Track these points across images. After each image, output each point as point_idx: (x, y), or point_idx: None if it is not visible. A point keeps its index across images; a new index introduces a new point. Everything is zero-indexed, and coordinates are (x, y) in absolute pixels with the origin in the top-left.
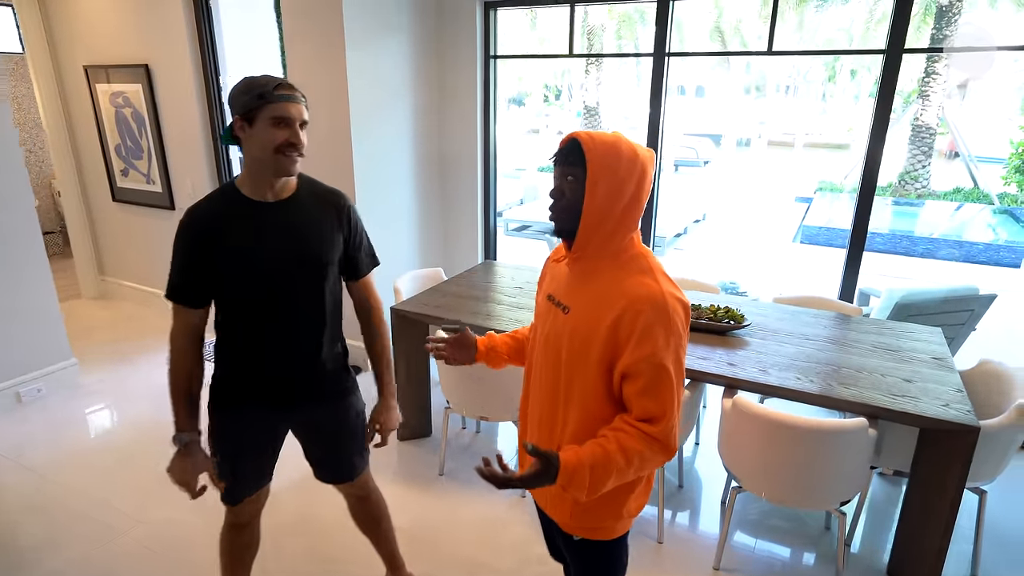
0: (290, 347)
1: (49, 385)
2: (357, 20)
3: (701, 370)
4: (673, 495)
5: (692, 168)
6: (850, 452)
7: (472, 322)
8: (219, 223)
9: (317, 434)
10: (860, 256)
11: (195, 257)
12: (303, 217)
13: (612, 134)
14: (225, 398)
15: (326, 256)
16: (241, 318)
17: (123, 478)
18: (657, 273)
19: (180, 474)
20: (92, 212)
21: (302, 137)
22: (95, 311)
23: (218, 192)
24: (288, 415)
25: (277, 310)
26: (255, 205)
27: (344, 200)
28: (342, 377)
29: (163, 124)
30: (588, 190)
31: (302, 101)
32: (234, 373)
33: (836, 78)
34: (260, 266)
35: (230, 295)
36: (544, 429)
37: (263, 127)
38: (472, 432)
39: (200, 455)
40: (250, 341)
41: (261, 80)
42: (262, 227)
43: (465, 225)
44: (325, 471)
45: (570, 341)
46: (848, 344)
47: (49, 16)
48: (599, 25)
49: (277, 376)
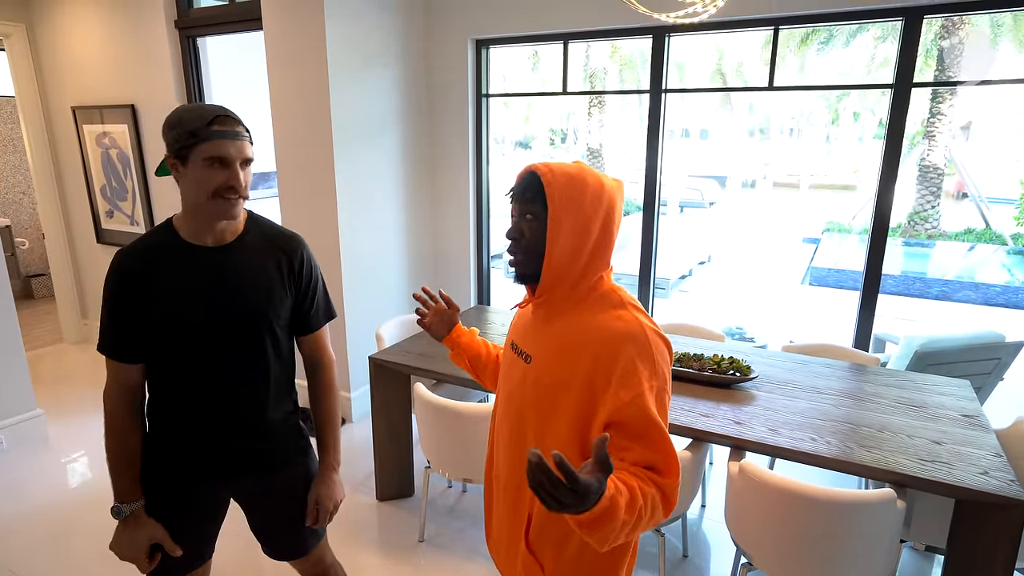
0: (228, 411)
1: (11, 438)
2: (341, 56)
3: (705, 429)
4: (677, 565)
5: (697, 209)
6: (876, 527)
7: (456, 373)
8: (150, 268)
9: (264, 505)
10: (875, 299)
11: (124, 305)
12: (246, 265)
13: (575, 164)
14: (155, 464)
15: (269, 311)
16: (173, 376)
17: (77, 545)
18: (630, 307)
19: (127, 549)
20: (76, 254)
21: (242, 178)
22: (75, 356)
23: (152, 232)
24: (228, 484)
25: (212, 369)
26: (192, 249)
27: (298, 246)
28: (291, 442)
29: (148, 164)
30: (550, 230)
31: (244, 136)
32: (166, 437)
33: (839, 120)
34: (193, 319)
35: (161, 350)
36: (510, 495)
37: (196, 168)
38: (458, 491)
39: (147, 524)
40: (183, 403)
41: (195, 113)
42: (198, 274)
43: (456, 268)
44: (272, 547)
45: (535, 394)
46: (867, 399)
47: (40, 58)
48: (601, 68)
49: (214, 443)
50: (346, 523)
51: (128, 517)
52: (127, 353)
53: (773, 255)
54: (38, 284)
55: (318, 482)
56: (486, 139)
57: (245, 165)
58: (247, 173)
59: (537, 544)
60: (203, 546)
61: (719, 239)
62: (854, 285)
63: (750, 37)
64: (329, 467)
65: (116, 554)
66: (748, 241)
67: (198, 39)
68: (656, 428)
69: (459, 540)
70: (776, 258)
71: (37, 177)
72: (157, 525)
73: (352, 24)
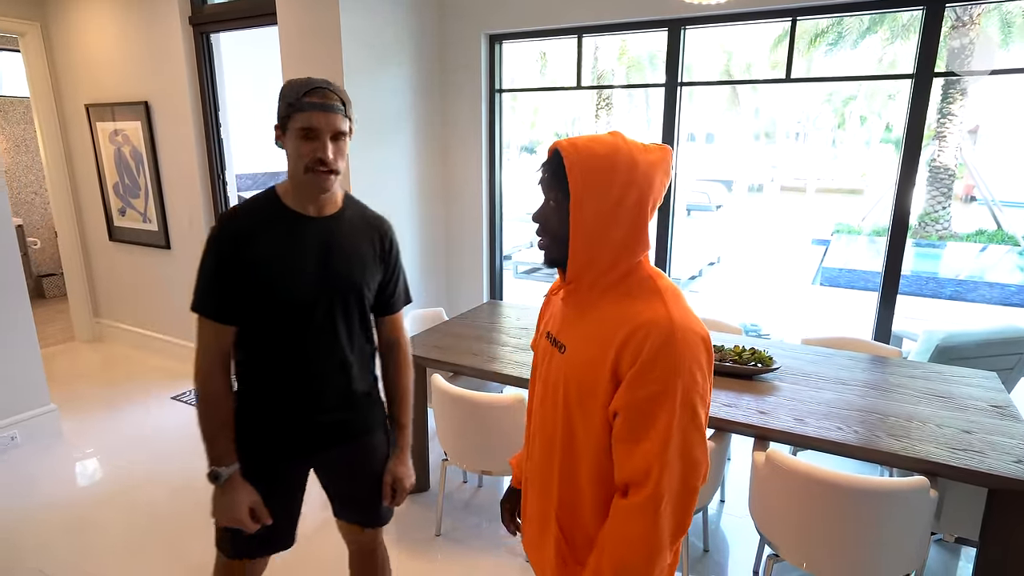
0: (317, 378)
1: (25, 433)
2: (356, 51)
3: (728, 418)
4: (699, 560)
5: (704, 212)
6: (908, 517)
7: (473, 364)
8: (254, 230)
9: (346, 474)
10: (894, 297)
11: (226, 266)
12: (345, 238)
13: (607, 139)
14: (243, 439)
15: (363, 284)
16: (264, 343)
17: (92, 538)
18: (667, 297)
19: (229, 512)
20: (89, 253)
21: (330, 152)
22: (87, 354)
23: (257, 198)
24: (312, 458)
25: (304, 336)
26: (296, 217)
27: (389, 228)
28: (372, 412)
29: (161, 161)
30: (573, 215)
31: (338, 109)
32: (253, 410)
33: (845, 124)
34: (291, 285)
35: (255, 314)
36: (544, 490)
37: (292, 138)
38: (474, 486)
39: (245, 488)
40: (273, 370)
41: (296, 84)
42: (299, 242)
43: (469, 264)
44: (352, 513)
45: (566, 386)
46: (892, 390)
47: (54, 56)
48: (609, 70)
49: (301, 413)
50: None
51: (226, 481)
52: (225, 314)
53: (783, 256)
54: (49, 284)
55: (395, 462)
56: (499, 135)
57: (337, 138)
58: (339, 147)
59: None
60: (291, 524)
61: (728, 241)
62: (865, 285)
63: (759, 38)
64: (403, 446)
65: (217, 520)
66: (757, 243)
67: (212, 35)
68: (660, 435)
69: (476, 535)
70: (786, 259)
71: (50, 175)
72: (253, 489)
73: (366, 18)
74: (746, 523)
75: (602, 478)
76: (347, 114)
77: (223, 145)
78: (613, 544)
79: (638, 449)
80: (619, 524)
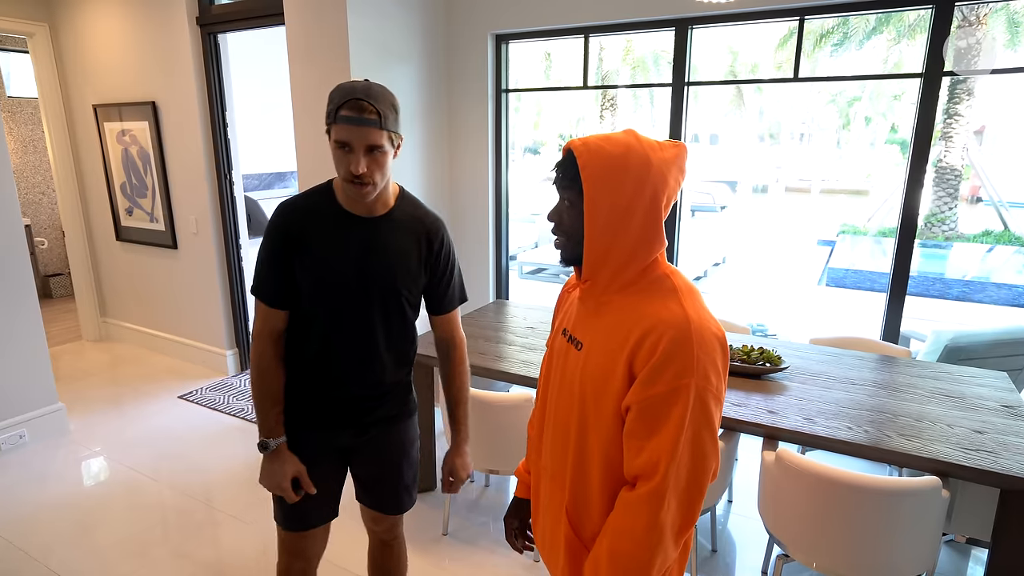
0: (352, 366)
1: (33, 431)
2: (363, 51)
3: (737, 418)
4: (706, 560)
5: (709, 213)
6: (920, 516)
7: (481, 364)
8: (309, 225)
9: (372, 455)
10: (903, 297)
11: (279, 255)
12: (391, 239)
13: (621, 137)
14: (288, 410)
15: (401, 284)
16: (307, 329)
17: (98, 537)
18: (684, 296)
19: (271, 479)
20: (96, 252)
21: (362, 166)
22: (94, 354)
23: (314, 192)
24: (348, 436)
25: (342, 327)
26: (347, 217)
27: (439, 228)
28: (401, 401)
29: (168, 161)
30: (588, 216)
31: (372, 123)
32: (296, 385)
33: (850, 125)
34: (335, 280)
35: (304, 302)
36: (557, 484)
37: (333, 148)
38: (480, 486)
39: (290, 459)
40: (311, 353)
41: (338, 93)
42: (346, 241)
43: (476, 264)
44: (371, 495)
45: (582, 382)
46: (902, 389)
47: (62, 57)
48: (614, 71)
49: (338, 392)
50: None
51: (273, 451)
52: (276, 299)
53: (788, 257)
54: (56, 283)
55: (452, 454)
56: (506, 135)
57: (371, 151)
58: (376, 158)
59: (579, 528)
60: (330, 495)
61: (733, 241)
62: (872, 286)
63: (764, 39)
64: (462, 440)
65: (264, 486)
66: (762, 243)
67: (219, 35)
68: (671, 432)
69: (483, 534)
70: (791, 259)
71: (58, 175)
72: (297, 461)
73: (374, 18)
74: (754, 523)
75: (612, 474)
76: (384, 126)
77: (230, 145)
78: (613, 534)
79: (648, 445)
80: (621, 515)
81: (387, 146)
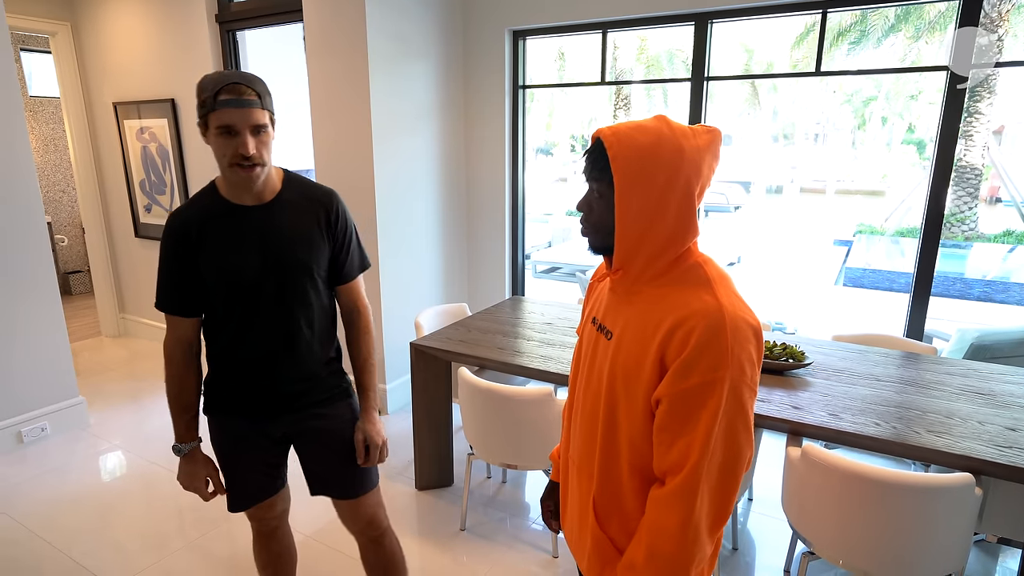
0: (276, 355)
1: (54, 424)
2: (381, 47)
3: (762, 413)
4: (727, 559)
5: (722, 213)
6: (952, 515)
7: (499, 359)
8: (198, 228)
9: (310, 445)
10: (927, 298)
11: (176, 264)
12: (285, 222)
13: (651, 125)
14: (212, 404)
15: (311, 261)
16: (224, 325)
17: (118, 528)
18: (717, 285)
19: (184, 481)
20: (115, 249)
21: (250, 147)
22: (113, 349)
23: (198, 195)
24: (278, 425)
25: (260, 318)
26: (234, 209)
27: (332, 199)
28: (333, 384)
29: (186, 157)
30: (618, 208)
31: (253, 103)
32: (220, 379)
33: (866, 125)
34: (240, 274)
35: (212, 303)
36: (584, 475)
37: (213, 137)
38: (498, 482)
39: (201, 461)
40: (233, 348)
41: (210, 81)
42: (240, 232)
43: (492, 260)
44: (319, 483)
45: (612, 372)
46: (929, 386)
47: (84, 55)
48: (628, 69)
49: (263, 385)
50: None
51: (186, 454)
52: (181, 308)
53: (804, 257)
54: (75, 280)
55: (362, 422)
56: (523, 130)
57: (257, 132)
58: (262, 139)
59: (605, 521)
60: (266, 478)
61: (747, 242)
62: (890, 286)
63: (780, 35)
64: (370, 407)
65: (181, 484)
66: (777, 243)
67: (237, 32)
68: (705, 426)
69: (501, 529)
70: (807, 259)
71: (79, 173)
72: (209, 463)
73: (392, 13)
74: (775, 521)
75: (641, 466)
76: (265, 105)
77: None
78: (648, 532)
79: (680, 439)
80: (654, 512)
81: (269, 126)
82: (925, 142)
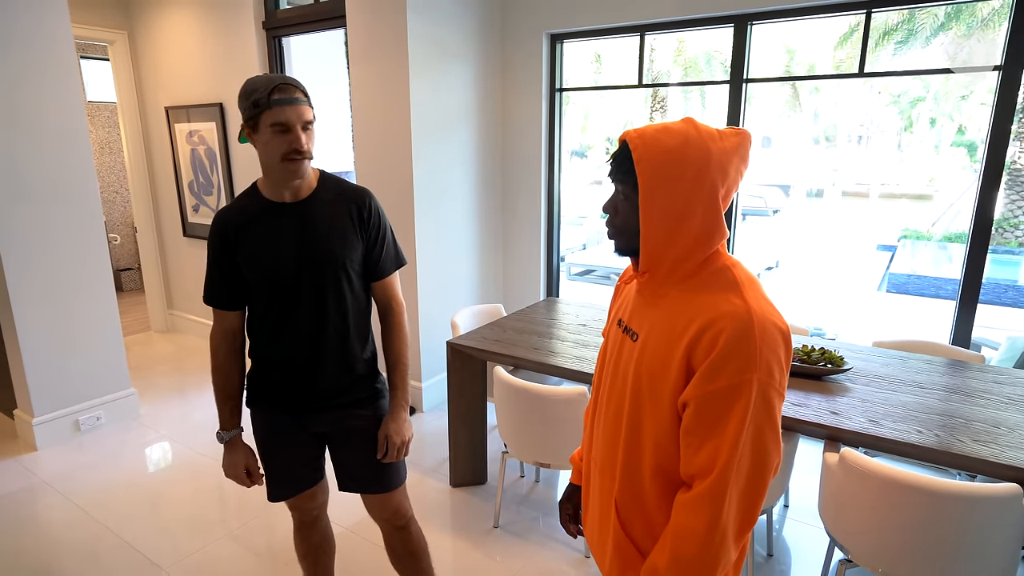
0: (313, 350)
1: (108, 414)
2: (421, 51)
3: (798, 418)
4: (761, 566)
5: (760, 217)
6: (998, 526)
7: (534, 359)
8: (238, 226)
9: (346, 444)
10: (974, 305)
11: (221, 261)
12: (321, 217)
13: (678, 128)
14: (254, 396)
15: (345, 255)
16: (265, 320)
17: (167, 513)
18: (745, 288)
19: (227, 468)
20: (164, 248)
21: (303, 141)
22: (161, 344)
23: (241, 195)
24: (318, 423)
25: (296, 310)
26: (273, 206)
27: (366, 197)
28: (369, 381)
29: (232, 159)
30: (643, 211)
31: (302, 101)
32: (261, 373)
33: (913, 127)
34: (276, 266)
35: (255, 297)
36: (607, 477)
37: (266, 135)
38: (531, 481)
39: (243, 450)
40: (273, 343)
41: (259, 83)
42: (279, 229)
43: (527, 261)
44: (349, 479)
45: (637, 374)
46: (975, 395)
47: (139, 62)
48: (665, 71)
49: (301, 378)
50: (419, 507)
51: (229, 442)
52: (226, 302)
53: (846, 261)
54: (126, 278)
55: (388, 419)
56: (559, 134)
57: (306, 128)
58: (309, 134)
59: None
60: (305, 469)
61: (786, 246)
62: (936, 292)
63: (822, 37)
64: (398, 405)
65: (224, 472)
66: (818, 248)
67: (283, 39)
68: (732, 429)
69: (534, 528)
70: (849, 264)
71: (132, 175)
72: (250, 452)
73: (432, 17)
74: (811, 529)
75: (664, 469)
76: (310, 103)
77: None
78: (673, 536)
79: (707, 443)
80: (681, 516)
81: (314, 122)
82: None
